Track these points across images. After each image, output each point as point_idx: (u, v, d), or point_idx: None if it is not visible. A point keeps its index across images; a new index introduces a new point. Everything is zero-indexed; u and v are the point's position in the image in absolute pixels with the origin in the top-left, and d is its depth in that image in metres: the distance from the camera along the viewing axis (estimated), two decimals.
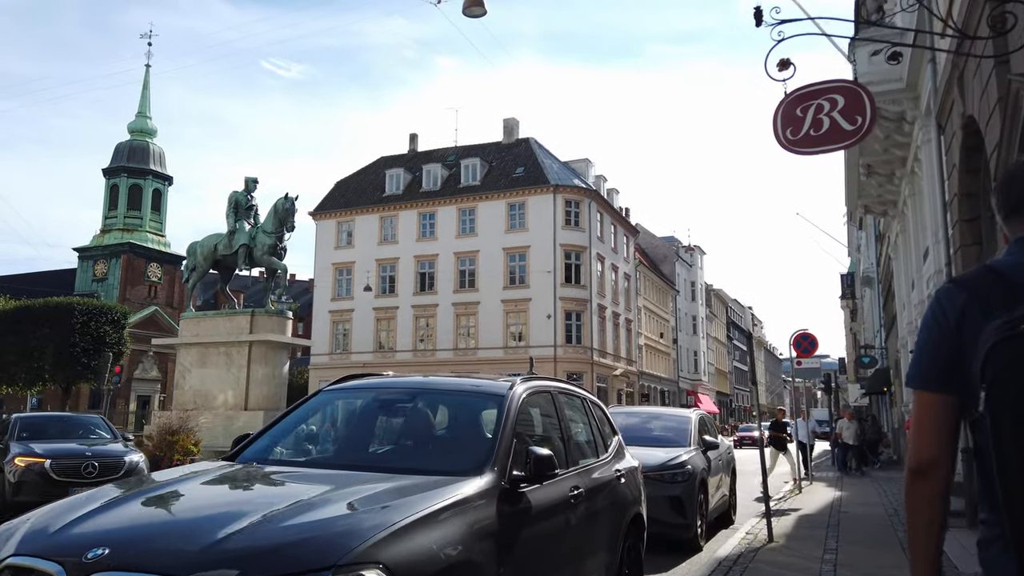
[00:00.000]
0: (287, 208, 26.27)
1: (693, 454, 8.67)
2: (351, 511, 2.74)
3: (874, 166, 16.49)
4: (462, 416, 4.12)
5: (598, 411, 5.40)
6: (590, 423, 5.06)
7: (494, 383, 4.20)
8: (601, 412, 5.51)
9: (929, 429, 1.47)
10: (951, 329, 1.45)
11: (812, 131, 5.88)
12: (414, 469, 3.43)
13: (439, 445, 3.94)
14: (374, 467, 3.54)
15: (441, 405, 4.18)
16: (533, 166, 45.08)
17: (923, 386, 1.49)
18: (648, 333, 58.01)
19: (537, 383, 4.40)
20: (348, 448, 3.97)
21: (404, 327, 45.13)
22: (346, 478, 3.19)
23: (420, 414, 4.08)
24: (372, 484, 3.07)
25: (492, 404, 3.91)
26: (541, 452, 3.54)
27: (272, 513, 2.64)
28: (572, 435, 4.57)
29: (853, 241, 44.77)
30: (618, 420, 10.16)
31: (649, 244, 68.10)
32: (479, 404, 4.11)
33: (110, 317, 38.26)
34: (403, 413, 4.17)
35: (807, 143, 5.92)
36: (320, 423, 4.30)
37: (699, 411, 10.28)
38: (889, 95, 13.19)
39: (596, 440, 5.04)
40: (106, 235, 68.29)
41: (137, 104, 72.62)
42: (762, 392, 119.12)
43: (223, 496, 3.16)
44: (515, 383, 4.10)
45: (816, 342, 14.74)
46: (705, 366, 75.42)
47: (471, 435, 3.89)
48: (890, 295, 23.90)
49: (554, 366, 40.97)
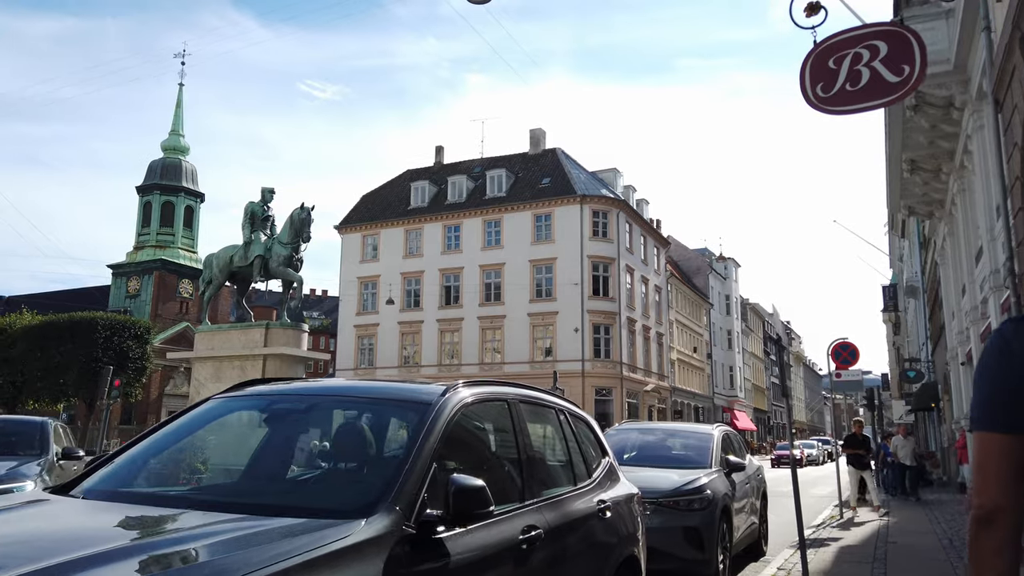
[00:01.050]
0: (303, 218, 25.64)
1: (714, 477, 7.53)
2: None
3: (918, 161, 15.18)
4: (366, 433, 3.11)
5: (582, 426, 4.36)
6: (567, 441, 4.02)
7: (421, 389, 3.21)
8: (586, 428, 4.47)
9: (994, 473, 1.37)
10: (1017, 363, 1.38)
11: (848, 85, 4.83)
12: (285, 508, 2.45)
13: (327, 474, 2.96)
14: (235, 504, 2.55)
15: (344, 418, 3.18)
16: (559, 176, 44.15)
17: (987, 427, 1.40)
18: (681, 347, 56.40)
19: (487, 389, 3.38)
20: (213, 476, 3.02)
21: (429, 341, 44.33)
22: (160, 521, 2.24)
23: (311, 431, 3.11)
24: (193, 538, 2.09)
25: (411, 417, 2.91)
26: (466, 482, 2.53)
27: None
28: (536, 457, 3.55)
29: (895, 251, 42.92)
30: (628, 438, 9.08)
31: (682, 256, 66.57)
32: (394, 417, 3.13)
33: (133, 332, 38.13)
34: (292, 430, 3.19)
35: (842, 100, 4.85)
36: (192, 442, 3.32)
37: (722, 427, 9.11)
38: (934, 80, 11.95)
39: (574, 463, 4.00)
40: (139, 252, 68.99)
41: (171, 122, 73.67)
42: (801, 408, 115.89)
43: None
44: (452, 388, 3.10)
45: (857, 352, 13.41)
46: (741, 382, 73.29)
47: (368, 459, 2.90)
48: (937, 304, 22.32)
49: (582, 381, 39.77)
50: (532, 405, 3.78)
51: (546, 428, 3.93)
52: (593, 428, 4.55)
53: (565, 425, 4.06)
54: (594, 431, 4.54)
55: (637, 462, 8.11)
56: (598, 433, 4.57)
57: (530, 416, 3.69)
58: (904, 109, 13.24)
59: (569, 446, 4.00)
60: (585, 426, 4.45)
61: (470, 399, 3.12)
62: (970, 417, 1.48)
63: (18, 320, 37.30)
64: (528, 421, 3.62)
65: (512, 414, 3.43)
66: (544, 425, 3.91)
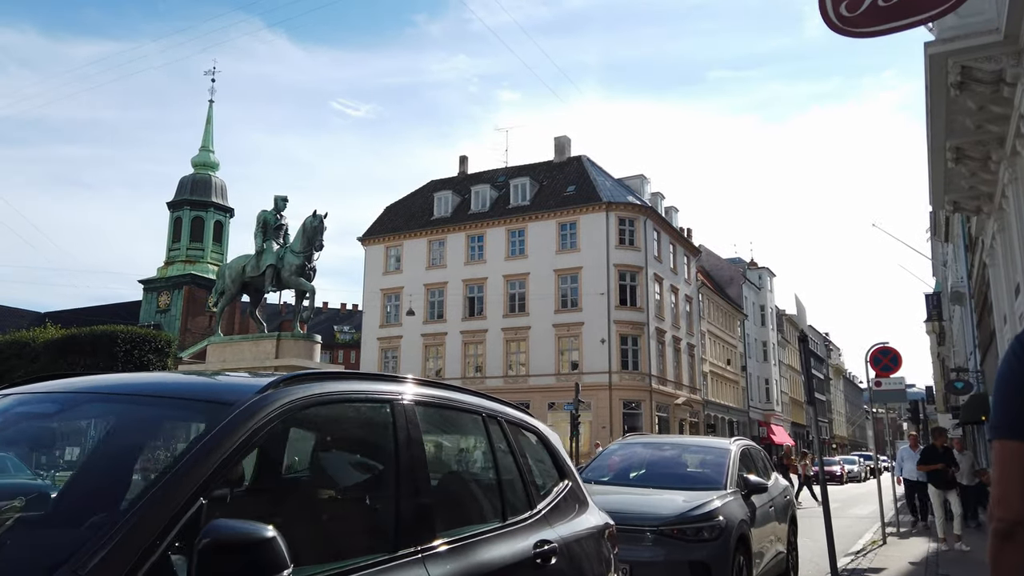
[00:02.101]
0: (315, 226, 24.96)
1: (728, 500, 6.40)
2: None
3: (965, 149, 13.81)
4: (123, 453, 2.03)
5: (527, 440, 3.32)
6: (497, 461, 2.97)
7: (231, 383, 2.23)
8: (537, 441, 3.42)
9: (1016, 483, 1.32)
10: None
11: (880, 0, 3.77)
12: None
13: (55, 510, 1.95)
14: None
15: (107, 428, 2.16)
16: (585, 184, 43.09)
17: (1007, 435, 1.35)
18: (713, 359, 54.68)
19: (351, 386, 2.36)
20: None
21: (453, 353, 43.42)
22: None
23: (56, 446, 2.12)
24: None
25: (194, 426, 1.91)
26: (236, 532, 1.52)
27: None
28: (436, 485, 2.51)
29: (938, 257, 41.02)
30: (631, 454, 7.98)
31: (714, 266, 64.89)
32: (172, 425, 2.12)
33: (153, 345, 38.04)
34: (39, 442, 2.21)
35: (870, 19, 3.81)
36: None
37: (742, 440, 7.94)
38: (982, 52, 10.70)
39: (507, 490, 2.96)
40: (169, 267, 69.58)
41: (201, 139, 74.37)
42: (842, 423, 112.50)
43: None
44: (283, 384, 2.10)
45: (899, 358, 12.09)
46: (778, 395, 71.04)
47: (110, 489, 1.86)
48: (986, 309, 20.73)
49: (609, 394, 38.48)
50: (439, 410, 2.74)
51: (464, 442, 2.91)
52: (547, 442, 3.49)
53: (498, 438, 3.02)
54: (548, 446, 3.48)
55: (641, 482, 7.02)
56: (555, 449, 3.52)
57: (434, 426, 2.67)
58: (948, 88, 11.99)
59: (500, 467, 2.96)
60: (535, 440, 3.41)
61: (309, 400, 2.10)
62: (990, 425, 1.42)
63: (41, 334, 37.31)
64: (430, 433, 2.60)
65: (396, 423, 2.39)
66: (461, 438, 2.90)
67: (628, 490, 6.68)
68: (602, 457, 7.66)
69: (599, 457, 7.70)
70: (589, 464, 7.56)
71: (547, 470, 3.39)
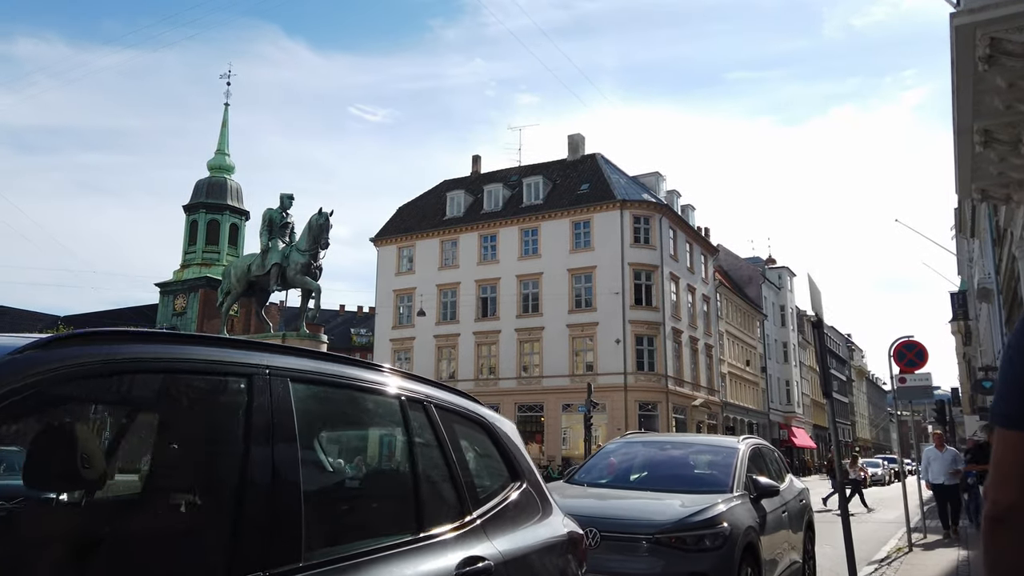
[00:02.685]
0: (321, 224, 24.46)
1: (735, 504, 5.74)
2: None
3: (993, 131, 13.00)
4: None
5: (466, 431, 2.70)
6: (417, 457, 2.35)
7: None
8: (480, 433, 2.80)
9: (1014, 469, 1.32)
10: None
11: None
12: None
13: None
14: None
15: None
16: (599, 181, 42.36)
17: (1008, 423, 1.34)
18: (732, 360, 53.65)
19: (167, 350, 1.72)
20: None
21: (466, 355, 42.84)
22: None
23: None
24: None
25: None
26: None
27: None
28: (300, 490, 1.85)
29: (964, 255, 39.92)
30: (630, 453, 7.32)
31: (732, 266, 63.84)
32: None
33: None
34: None
35: None
36: None
37: (752, 439, 7.24)
38: (1013, 21, 9.94)
39: (434, 494, 2.34)
40: (185, 270, 69.67)
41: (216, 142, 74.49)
42: (865, 425, 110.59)
43: None
44: (49, 340, 1.49)
45: (925, 353, 11.30)
46: (799, 397, 69.77)
47: None
48: (1016, 305, 19.79)
49: (624, 395, 37.72)
50: (333, 389, 2.11)
51: (369, 433, 2.29)
52: (497, 436, 2.86)
53: (421, 429, 2.40)
54: (498, 441, 2.86)
55: (635, 484, 6.38)
56: (507, 444, 2.89)
57: (326, 411, 2.05)
58: (975, 63, 11.23)
59: (420, 465, 2.34)
60: (479, 430, 2.79)
61: (93, 366, 1.49)
62: (992, 411, 1.44)
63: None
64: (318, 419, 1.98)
65: (254, 404, 1.77)
66: (365, 427, 2.28)
67: (622, 493, 6.05)
68: (597, 457, 7.02)
69: (594, 457, 7.06)
70: (582, 465, 6.92)
71: (494, 470, 2.78)
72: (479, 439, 2.76)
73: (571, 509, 5.81)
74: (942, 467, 12.71)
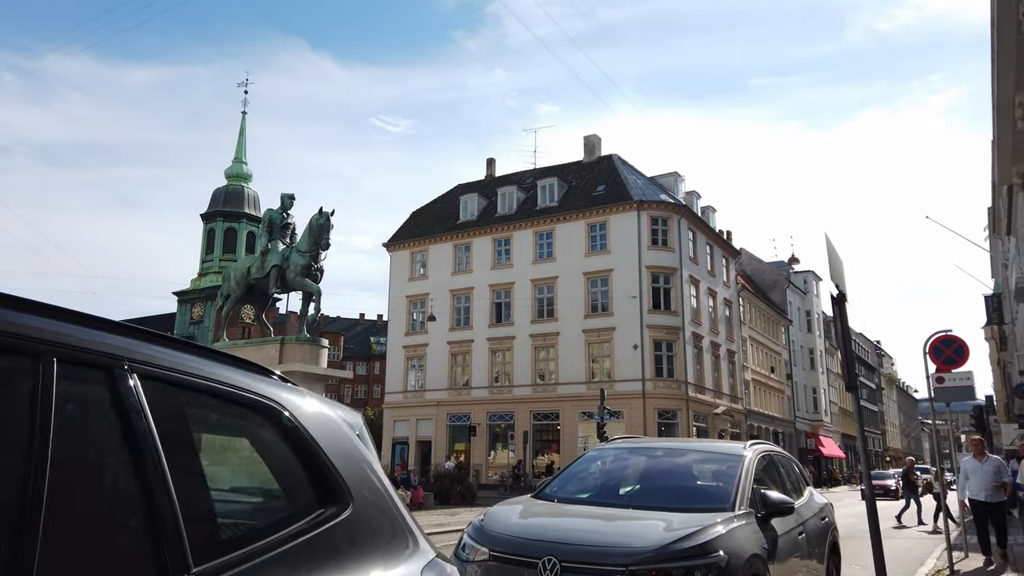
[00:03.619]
0: (322, 224, 23.57)
1: (736, 525, 4.59)
2: None
3: None
4: None
5: (221, 418, 1.61)
6: (59, 469, 1.25)
7: None
8: (266, 425, 1.70)
9: None
10: None
11: None
12: None
13: None
14: None
15: None
16: (615, 182, 41.16)
17: None
18: (755, 367, 51.97)
19: None
20: None
21: (479, 362, 41.75)
22: None
23: None
24: None
25: None
26: None
27: None
28: None
29: (998, 256, 38.16)
30: (613, 462, 6.18)
31: (756, 270, 62.18)
32: None
33: None
34: None
35: None
36: None
37: (761, 446, 6.04)
38: None
39: (87, 542, 1.24)
40: (203, 278, 69.51)
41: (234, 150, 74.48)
42: (896, 435, 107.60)
43: None
44: None
45: (965, 348, 10.01)
46: (827, 405, 67.68)
47: None
48: None
49: (643, 402, 36.39)
50: None
51: None
52: (291, 430, 1.74)
53: (87, 415, 1.32)
54: (293, 437, 1.74)
55: (625, 500, 5.26)
56: (310, 443, 1.75)
57: None
58: (1019, 23, 10.01)
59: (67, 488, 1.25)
60: (258, 423, 1.69)
61: None
62: None
63: None
64: None
65: None
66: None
67: (597, 511, 4.93)
68: (574, 467, 5.89)
69: (570, 467, 5.93)
70: (554, 478, 5.80)
71: (285, 490, 1.70)
72: (261, 437, 1.69)
73: (528, 531, 4.69)
74: (983, 481, 10.58)
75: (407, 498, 24.44)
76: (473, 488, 31.76)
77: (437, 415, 42.07)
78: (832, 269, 5.41)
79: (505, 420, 40.00)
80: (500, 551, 4.36)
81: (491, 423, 40.36)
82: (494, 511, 5.00)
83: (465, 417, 40.87)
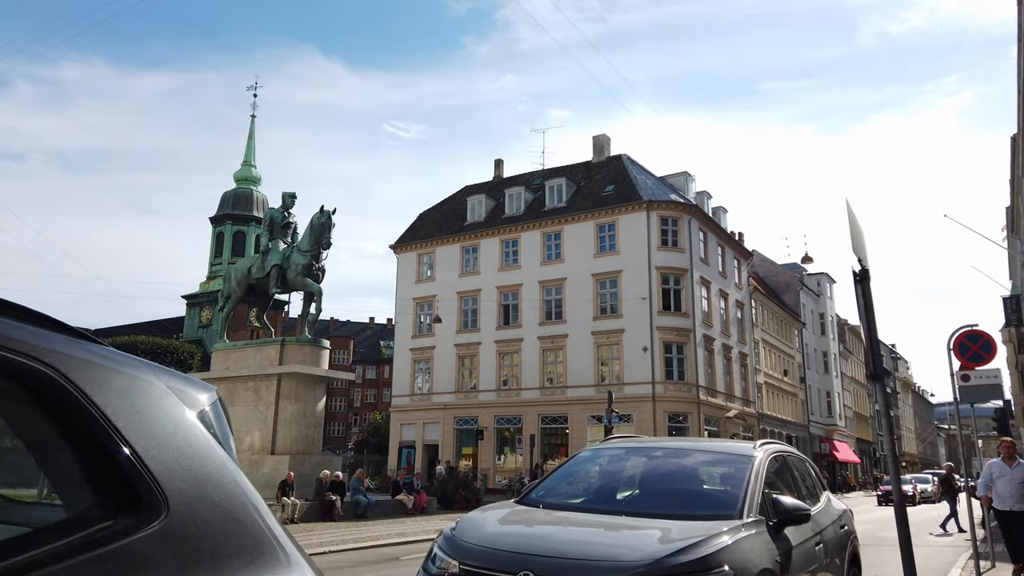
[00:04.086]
0: (323, 223, 23.10)
1: (744, 535, 4.00)
2: None
3: None
4: None
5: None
6: None
7: None
8: (23, 393, 1.15)
9: None
10: None
11: None
12: None
13: None
14: None
15: None
16: (624, 182, 40.53)
17: None
18: (768, 370, 51.10)
19: None
20: None
21: (487, 364, 41.19)
22: None
23: None
24: None
25: None
26: None
27: None
28: None
29: (1016, 257, 37.24)
30: (608, 464, 5.60)
31: (768, 272, 61.32)
32: None
33: (176, 356, 36.98)
34: None
35: None
36: None
37: (772, 446, 5.43)
38: None
39: None
40: (211, 282, 69.36)
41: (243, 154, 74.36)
42: (911, 440, 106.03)
43: None
44: None
45: (992, 344, 9.35)
46: (841, 409, 66.58)
47: None
48: None
49: (653, 406, 35.70)
50: None
51: None
52: (63, 403, 1.20)
53: None
54: (65, 411, 1.19)
55: (605, 507, 4.67)
56: (95, 422, 1.21)
57: None
58: None
59: None
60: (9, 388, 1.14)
61: None
62: None
63: None
64: None
65: None
66: None
67: (586, 519, 4.35)
68: (564, 469, 5.32)
69: (560, 469, 5.35)
70: (540, 481, 5.22)
71: (60, 489, 1.16)
72: (13, 414, 1.15)
73: (503, 542, 4.11)
74: (1013, 487, 9.53)
75: (410, 502, 23.82)
76: (479, 492, 31.17)
77: (444, 418, 41.52)
78: (854, 241, 4.82)
79: (513, 423, 39.40)
80: (471, 564, 3.80)
81: (499, 426, 39.77)
82: (468, 518, 4.44)
83: (472, 420, 40.30)
